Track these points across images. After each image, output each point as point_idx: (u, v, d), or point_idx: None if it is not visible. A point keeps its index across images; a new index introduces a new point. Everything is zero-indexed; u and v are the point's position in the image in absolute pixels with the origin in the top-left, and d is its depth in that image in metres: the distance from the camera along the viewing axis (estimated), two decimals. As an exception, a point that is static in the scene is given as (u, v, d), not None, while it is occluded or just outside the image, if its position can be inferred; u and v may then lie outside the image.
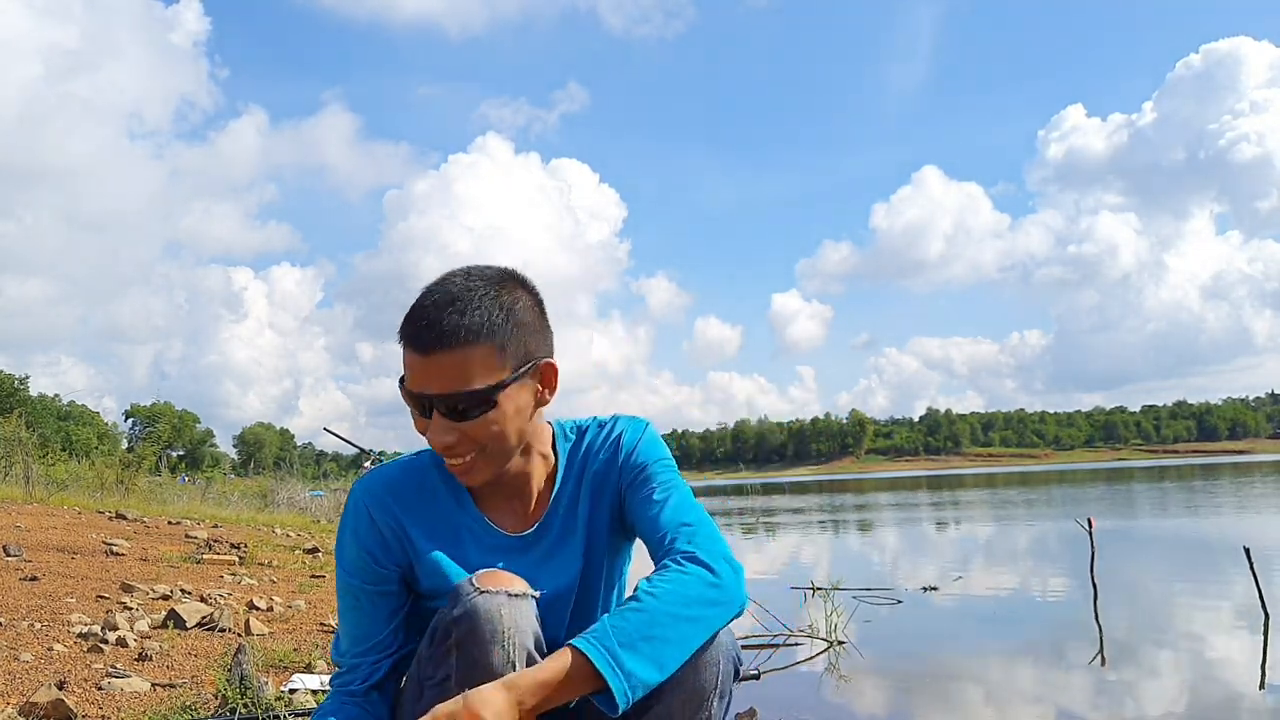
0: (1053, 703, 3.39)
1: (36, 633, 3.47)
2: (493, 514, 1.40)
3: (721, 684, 1.31)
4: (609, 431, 1.46)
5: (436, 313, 1.24)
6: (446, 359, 1.23)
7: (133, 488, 14.12)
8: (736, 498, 33.05)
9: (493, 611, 1.21)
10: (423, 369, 1.24)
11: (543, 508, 1.42)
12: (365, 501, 1.38)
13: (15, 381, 63.72)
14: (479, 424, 1.26)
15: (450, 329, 1.23)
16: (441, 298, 1.26)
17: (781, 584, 7.16)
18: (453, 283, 1.28)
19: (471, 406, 1.25)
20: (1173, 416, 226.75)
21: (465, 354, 1.23)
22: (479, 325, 1.24)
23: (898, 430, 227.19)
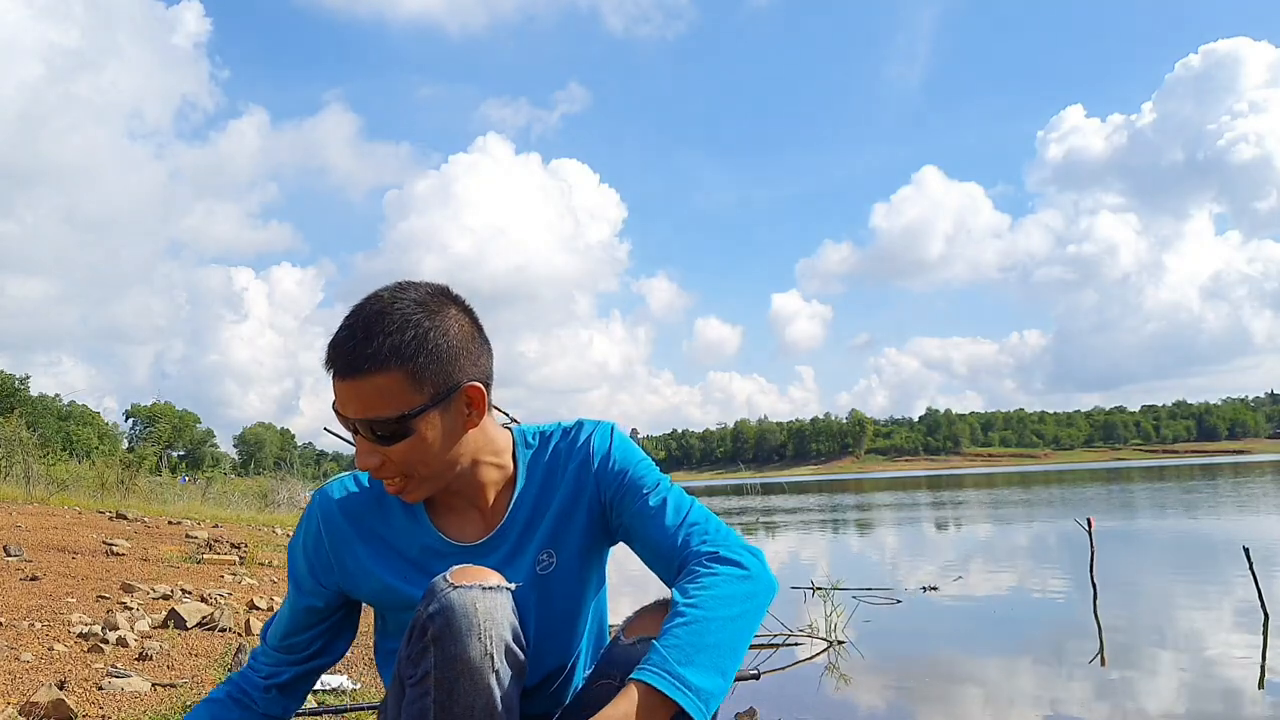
0: (1052, 702, 3.39)
1: (37, 632, 3.48)
2: (447, 525, 1.39)
3: None
4: (574, 437, 1.43)
5: (350, 338, 1.23)
6: (359, 385, 1.22)
7: (133, 488, 14.12)
8: (736, 498, 33.05)
9: (468, 605, 1.20)
10: (341, 392, 1.24)
11: (499, 516, 1.40)
12: (319, 516, 1.39)
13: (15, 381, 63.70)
14: (400, 449, 1.26)
15: (360, 356, 1.21)
16: (357, 322, 1.24)
17: (781, 584, 7.15)
18: (372, 306, 1.25)
19: (388, 433, 1.24)
20: (1172, 416, 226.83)
21: (374, 381, 1.22)
22: (389, 353, 1.21)
23: (897, 430, 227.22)
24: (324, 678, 3.07)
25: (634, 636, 1.33)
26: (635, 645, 1.32)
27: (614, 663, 1.35)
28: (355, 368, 1.21)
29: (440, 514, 1.40)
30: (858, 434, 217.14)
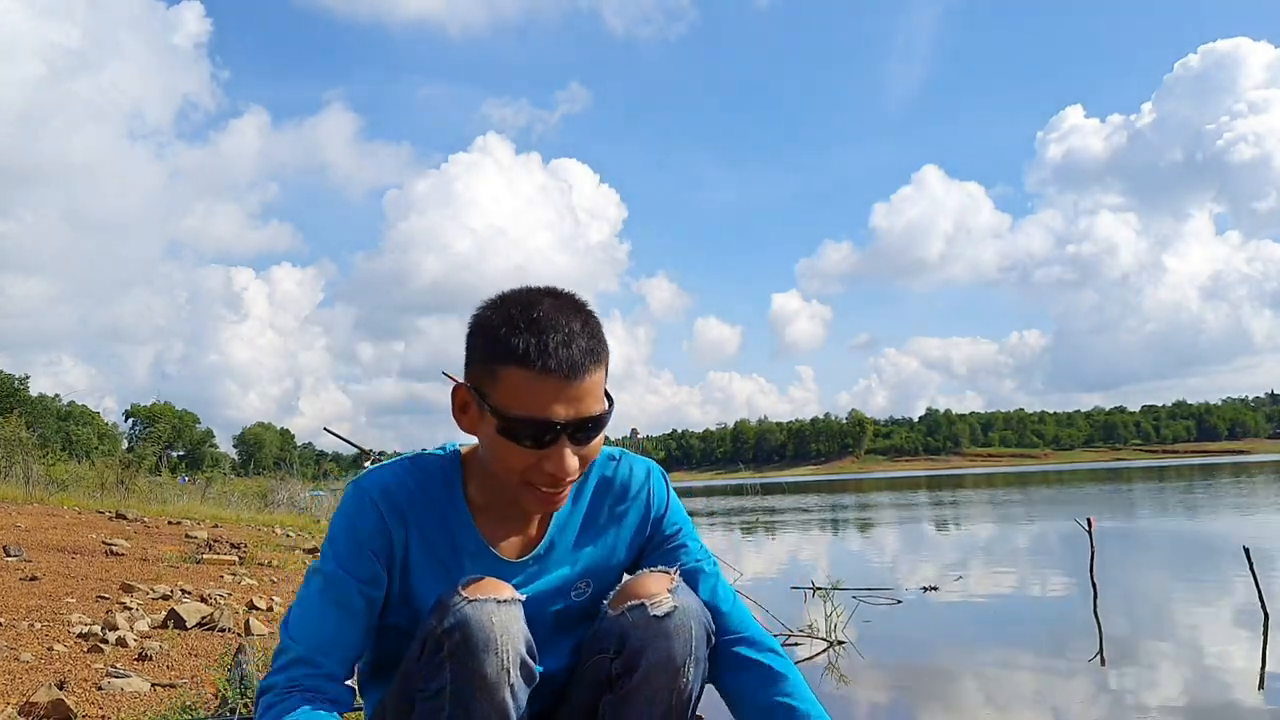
0: (1052, 702, 3.39)
1: (36, 633, 3.47)
2: (493, 534, 1.37)
3: (696, 650, 1.32)
4: (627, 474, 1.45)
5: (578, 333, 1.21)
6: (590, 381, 1.20)
7: (133, 488, 14.11)
8: (736, 498, 33.03)
9: (484, 620, 1.20)
10: (565, 394, 1.19)
11: (540, 534, 1.39)
12: (379, 503, 1.32)
13: (15, 381, 63.70)
14: (593, 447, 1.25)
15: (593, 351, 1.21)
16: (569, 318, 1.22)
17: (781, 584, 7.15)
18: (565, 301, 1.24)
19: (597, 427, 1.24)
20: (1172, 416, 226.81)
21: (597, 376, 1.22)
22: (604, 345, 1.24)
23: (897, 430, 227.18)
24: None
25: (621, 606, 1.33)
26: (623, 614, 1.32)
27: (606, 635, 1.35)
28: (587, 362, 1.20)
29: (488, 521, 1.37)
30: (858, 434, 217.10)
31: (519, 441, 1.21)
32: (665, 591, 1.32)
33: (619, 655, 1.32)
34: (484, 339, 1.23)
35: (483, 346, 1.23)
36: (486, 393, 1.22)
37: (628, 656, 1.31)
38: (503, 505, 1.37)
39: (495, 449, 1.23)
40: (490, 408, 1.21)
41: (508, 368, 1.19)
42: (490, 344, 1.21)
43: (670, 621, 1.29)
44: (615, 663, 1.32)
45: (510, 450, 1.22)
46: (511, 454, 1.22)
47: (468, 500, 1.36)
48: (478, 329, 1.25)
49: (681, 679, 1.30)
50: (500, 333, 1.20)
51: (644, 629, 1.30)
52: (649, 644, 1.29)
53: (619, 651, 1.32)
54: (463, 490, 1.37)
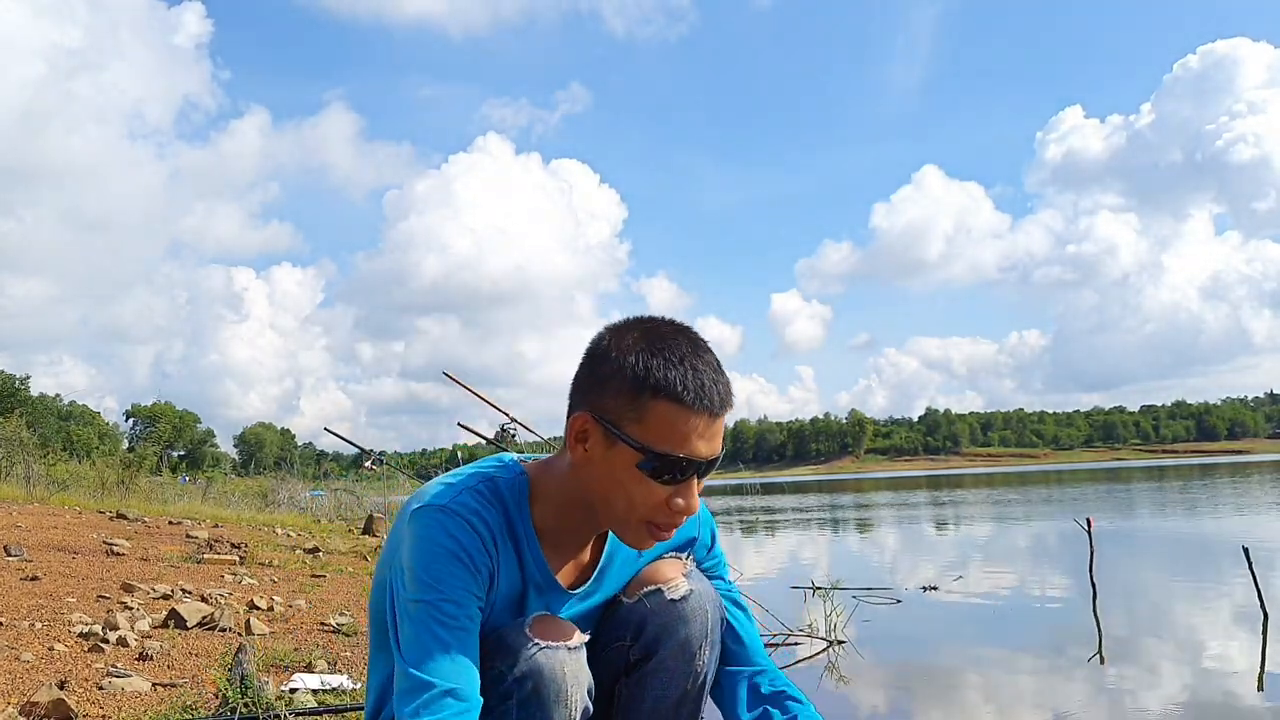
0: (1052, 702, 3.39)
1: (37, 632, 3.48)
2: (554, 566, 1.33)
3: (711, 633, 1.33)
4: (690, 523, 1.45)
5: (719, 370, 1.21)
6: (724, 419, 1.21)
7: (133, 488, 14.13)
8: (736, 497, 33.05)
9: (556, 670, 1.19)
10: (713, 431, 1.19)
11: (594, 565, 1.37)
12: (477, 525, 1.23)
13: (16, 381, 63.75)
14: (704, 483, 1.25)
15: (729, 388, 1.22)
16: (709, 355, 1.22)
17: (781, 584, 7.16)
18: (692, 335, 1.24)
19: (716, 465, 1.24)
20: (1171, 416, 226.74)
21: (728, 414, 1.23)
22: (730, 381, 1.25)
23: (897, 430, 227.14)
24: (324, 677, 3.08)
25: (637, 593, 1.34)
26: (640, 601, 1.33)
27: (624, 623, 1.35)
28: (732, 395, 1.22)
29: (550, 549, 1.32)
30: (857, 434, 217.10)
31: (657, 477, 1.18)
32: (680, 576, 1.33)
33: (636, 641, 1.33)
34: (628, 369, 1.18)
35: (628, 377, 1.18)
36: (625, 425, 1.18)
37: (646, 642, 1.31)
38: (567, 533, 1.32)
39: (624, 485, 1.19)
40: (631, 441, 1.17)
41: (659, 401, 1.16)
42: (639, 375, 1.17)
43: (686, 605, 1.31)
44: (633, 649, 1.33)
45: (643, 486, 1.18)
46: (644, 490, 1.19)
47: (535, 528, 1.31)
48: (616, 357, 1.19)
49: (698, 662, 1.32)
50: (652, 364, 1.17)
51: (662, 614, 1.30)
52: (667, 628, 1.30)
53: (636, 638, 1.33)
54: (530, 517, 1.31)
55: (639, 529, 1.22)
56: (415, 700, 1.13)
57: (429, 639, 1.17)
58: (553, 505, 1.30)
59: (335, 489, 21.02)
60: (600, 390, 1.20)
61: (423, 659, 1.16)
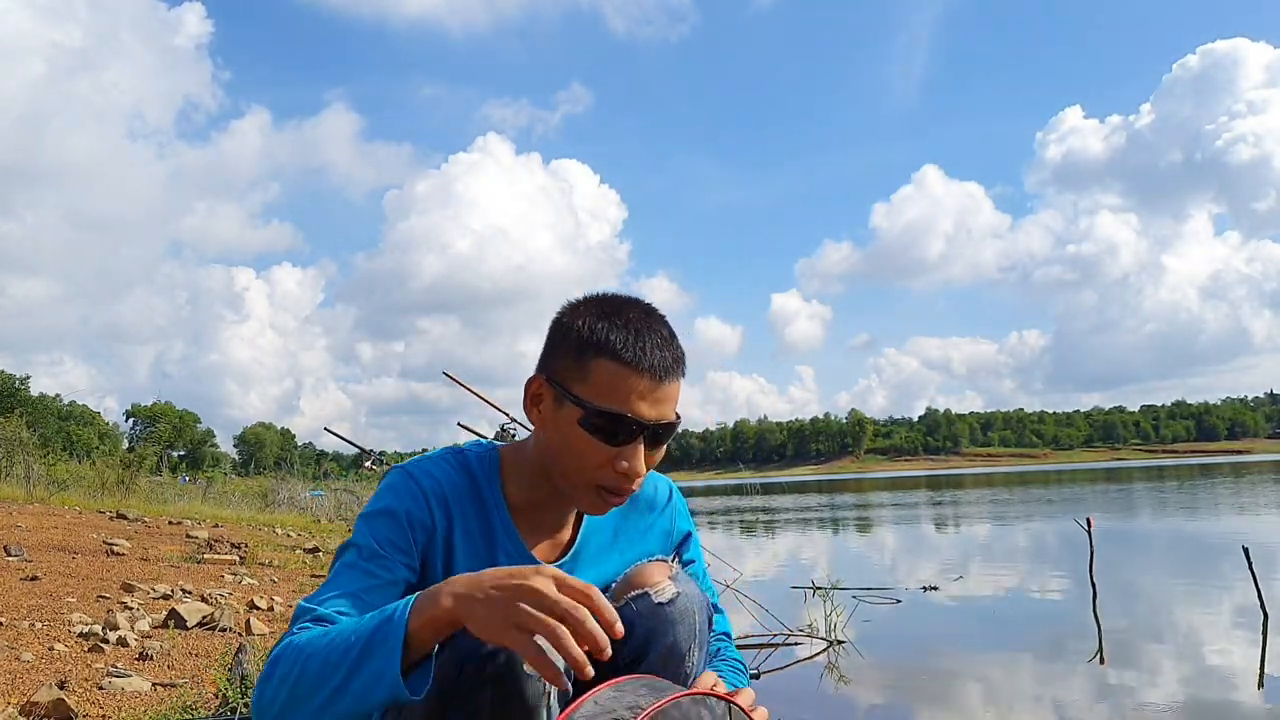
0: (1052, 702, 3.39)
1: (37, 632, 3.48)
2: (528, 539, 1.37)
3: (699, 634, 1.33)
4: (651, 488, 1.48)
5: (668, 340, 1.24)
6: (672, 387, 1.24)
7: (133, 488, 14.12)
8: (736, 497, 33.04)
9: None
10: (657, 395, 1.22)
11: (571, 539, 1.40)
12: (428, 490, 1.29)
13: (16, 381, 63.74)
14: (656, 455, 1.28)
15: (681, 356, 1.25)
16: (660, 324, 1.25)
17: (781, 584, 7.16)
18: (653, 310, 1.28)
19: (668, 436, 1.27)
20: (1171, 416, 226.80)
21: (678, 384, 1.26)
22: (684, 358, 1.27)
23: (897, 430, 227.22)
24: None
25: (625, 596, 1.34)
26: (628, 604, 1.33)
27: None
28: (678, 368, 1.24)
29: (524, 523, 1.37)
30: (857, 434, 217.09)
31: (600, 435, 1.21)
32: (666, 579, 1.33)
33: (625, 644, 1.32)
34: (575, 332, 1.23)
35: (575, 338, 1.23)
36: (571, 385, 1.23)
37: (634, 646, 1.31)
38: (539, 507, 1.37)
39: (571, 443, 1.24)
40: (575, 399, 1.22)
41: (600, 360, 1.20)
42: (583, 336, 1.22)
43: (674, 608, 1.30)
44: (622, 653, 1.33)
45: (588, 444, 1.22)
46: (588, 449, 1.23)
47: (506, 500, 1.36)
48: (567, 322, 1.26)
49: (687, 663, 1.32)
50: (597, 326, 1.22)
51: (649, 617, 1.30)
52: (655, 632, 1.30)
53: (625, 641, 1.32)
54: (501, 489, 1.36)
55: (589, 492, 1.26)
56: (295, 624, 1.16)
57: (334, 579, 1.22)
58: (524, 479, 1.35)
59: (335, 489, 21.02)
60: (552, 354, 1.26)
61: (318, 592, 1.20)
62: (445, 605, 1.04)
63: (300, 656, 1.07)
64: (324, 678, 1.05)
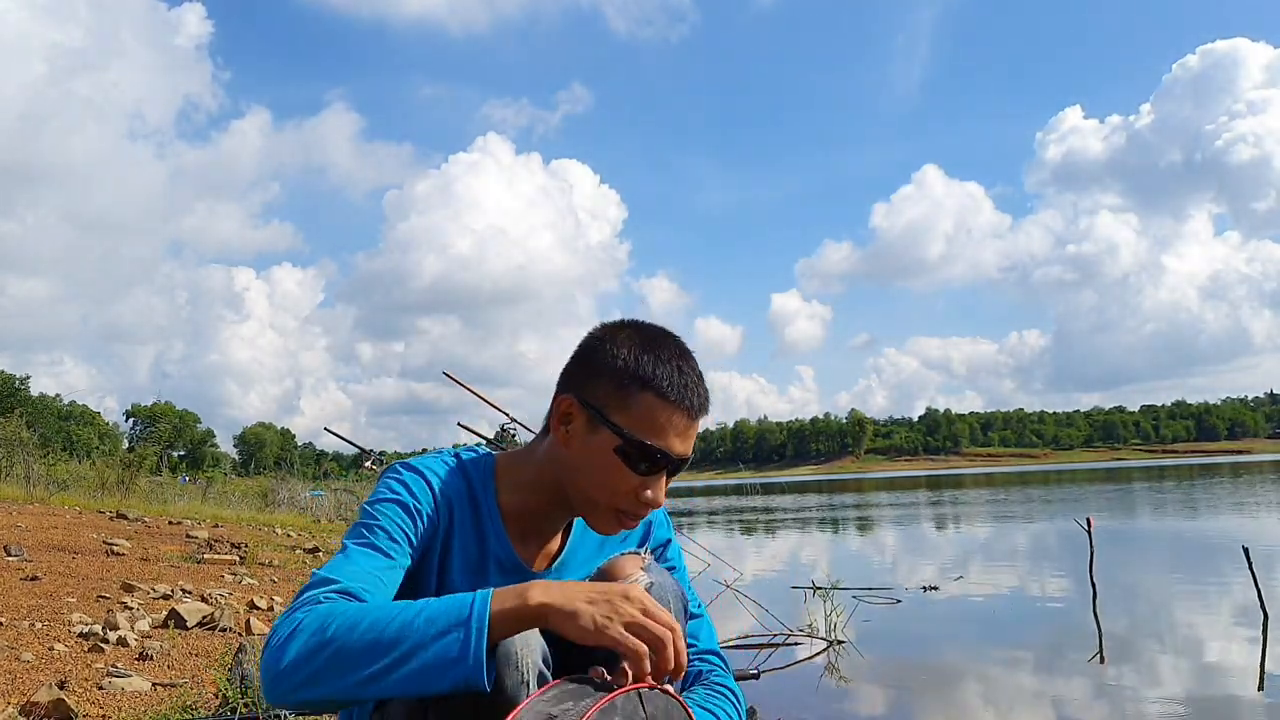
0: (1052, 702, 3.39)
1: (37, 632, 3.48)
2: (519, 547, 1.39)
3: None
4: None
5: (700, 378, 1.29)
6: (700, 425, 1.29)
7: (133, 488, 14.12)
8: (736, 497, 33.05)
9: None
10: (688, 431, 1.27)
11: (556, 551, 1.42)
12: (434, 484, 1.32)
13: (16, 381, 63.77)
14: (668, 484, 1.33)
15: (708, 397, 1.29)
16: (695, 364, 1.30)
17: (781, 584, 7.16)
18: (686, 349, 1.32)
19: (684, 467, 1.31)
20: (1171, 416, 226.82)
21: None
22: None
23: (897, 430, 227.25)
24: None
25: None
26: None
27: None
28: (709, 404, 1.29)
29: (516, 531, 1.38)
30: (858, 434, 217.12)
31: (632, 465, 1.25)
32: (639, 570, 1.34)
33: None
34: (619, 361, 1.26)
35: (618, 368, 1.25)
36: (610, 412, 1.25)
37: None
38: (534, 517, 1.38)
39: (599, 467, 1.26)
40: (614, 426, 1.24)
41: (645, 394, 1.24)
42: (628, 367, 1.25)
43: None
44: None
45: (618, 472, 1.26)
46: (617, 476, 1.26)
47: (500, 507, 1.38)
48: (609, 348, 1.27)
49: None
50: (642, 359, 1.25)
51: None
52: None
53: None
54: (495, 497, 1.38)
55: (608, 514, 1.29)
56: (313, 589, 1.13)
57: (348, 552, 1.20)
58: (520, 488, 1.37)
59: (335, 489, 21.03)
60: (590, 379, 1.27)
61: (334, 566, 1.17)
62: (535, 601, 1.07)
63: (348, 623, 1.05)
64: (380, 650, 1.04)
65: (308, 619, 1.07)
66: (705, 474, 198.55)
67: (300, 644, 1.05)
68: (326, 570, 1.18)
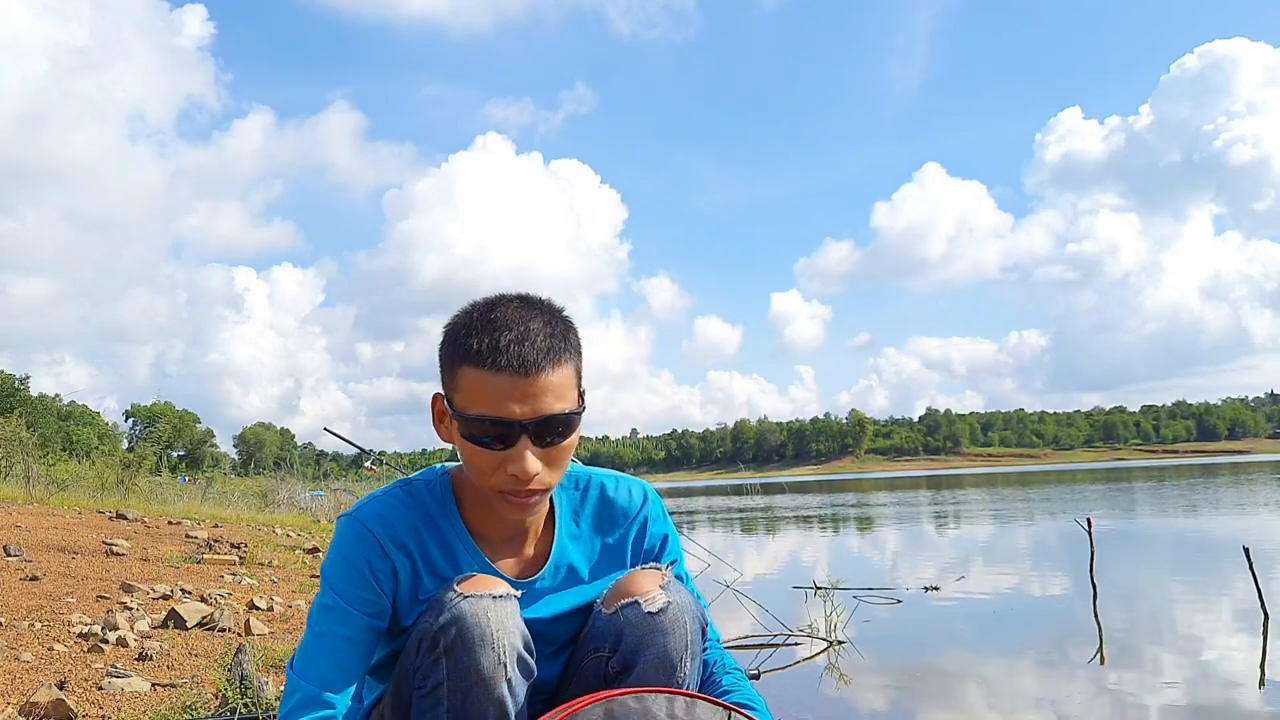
0: (1052, 702, 3.39)
1: (37, 633, 3.48)
2: (493, 557, 1.37)
3: (691, 644, 1.32)
4: (626, 500, 1.46)
5: (536, 331, 1.21)
6: (549, 377, 1.20)
7: (133, 488, 14.10)
8: (736, 498, 33.03)
9: (479, 615, 1.20)
10: (520, 391, 1.18)
11: (541, 556, 1.40)
12: (377, 532, 1.30)
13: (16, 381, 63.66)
14: (564, 449, 1.25)
15: (556, 347, 1.21)
16: (533, 315, 1.22)
17: (781, 583, 7.16)
18: (533, 304, 1.25)
19: (564, 429, 1.23)
20: (1172, 416, 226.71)
21: (562, 372, 1.22)
22: (574, 344, 1.25)
23: (897, 430, 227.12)
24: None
25: (614, 604, 1.34)
26: (617, 613, 1.33)
27: (601, 634, 1.35)
28: (549, 358, 1.20)
29: (486, 542, 1.37)
30: (858, 434, 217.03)
31: (480, 443, 1.22)
32: (657, 588, 1.33)
33: (615, 654, 1.33)
34: (447, 343, 1.25)
35: (447, 351, 1.25)
36: (451, 397, 1.24)
37: (624, 654, 1.31)
38: (499, 525, 1.37)
39: (465, 454, 1.25)
40: (454, 411, 1.23)
41: (464, 367, 1.21)
42: (451, 346, 1.24)
43: (664, 617, 1.30)
44: (611, 661, 1.33)
45: (475, 453, 1.23)
46: (478, 457, 1.23)
47: (465, 522, 1.37)
48: (445, 333, 1.27)
49: (679, 674, 1.31)
50: (459, 335, 1.22)
51: (639, 626, 1.30)
52: (645, 641, 1.29)
53: (615, 650, 1.32)
54: (459, 512, 1.37)
55: (497, 499, 1.26)
56: (285, 702, 1.24)
57: (313, 644, 1.27)
58: (476, 497, 1.35)
59: (335, 489, 21.02)
60: (441, 372, 1.28)
61: (299, 660, 1.27)
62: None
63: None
64: None
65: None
66: (705, 474, 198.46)
67: None
68: (299, 666, 1.27)
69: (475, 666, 1.20)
